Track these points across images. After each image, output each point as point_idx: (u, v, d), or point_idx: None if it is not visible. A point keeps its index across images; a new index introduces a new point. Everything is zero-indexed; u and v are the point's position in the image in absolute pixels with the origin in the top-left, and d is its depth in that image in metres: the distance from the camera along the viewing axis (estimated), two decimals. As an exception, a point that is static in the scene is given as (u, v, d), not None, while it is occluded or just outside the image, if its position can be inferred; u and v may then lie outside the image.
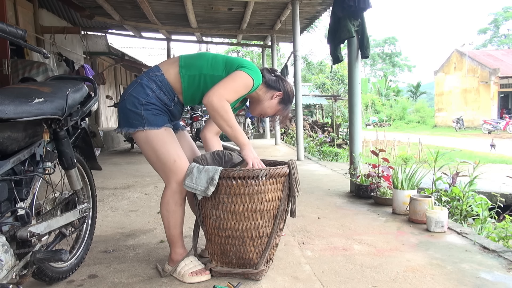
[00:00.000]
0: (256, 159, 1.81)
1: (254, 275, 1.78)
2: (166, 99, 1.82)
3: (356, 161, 3.67)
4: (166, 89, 1.81)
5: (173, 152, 1.78)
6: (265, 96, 1.98)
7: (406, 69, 49.18)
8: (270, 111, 2.02)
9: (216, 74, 1.81)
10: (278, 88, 1.99)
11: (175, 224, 1.84)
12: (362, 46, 3.58)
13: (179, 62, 1.84)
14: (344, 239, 2.36)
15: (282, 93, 1.99)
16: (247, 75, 1.77)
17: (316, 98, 21.91)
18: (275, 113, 2.04)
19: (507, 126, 20.22)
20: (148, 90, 1.78)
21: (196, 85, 1.82)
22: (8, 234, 1.33)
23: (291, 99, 2.06)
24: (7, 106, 1.26)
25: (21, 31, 1.36)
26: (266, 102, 1.99)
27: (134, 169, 5.53)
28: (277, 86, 1.99)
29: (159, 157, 1.79)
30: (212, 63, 1.83)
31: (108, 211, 3.19)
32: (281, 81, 2.00)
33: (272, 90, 1.98)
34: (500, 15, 42.76)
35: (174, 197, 1.81)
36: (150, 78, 1.81)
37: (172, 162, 1.78)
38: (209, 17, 8.29)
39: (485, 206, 2.98)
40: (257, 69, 1.87)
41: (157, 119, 1.78)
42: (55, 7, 7.43)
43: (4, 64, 4.40)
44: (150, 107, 1.78)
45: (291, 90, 2.05)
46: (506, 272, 1.85)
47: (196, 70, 1.81)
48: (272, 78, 1.99)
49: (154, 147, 1.78)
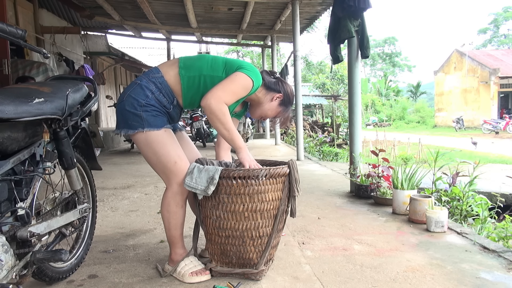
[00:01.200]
0: (252, 161, 1.81)
1: (254, 275, 1.78)
2: (165, 102, 1.81)
3: (356, 161, 3.67)
4: (165, 91, 1.80)
5: (174, 153, 1.77)
6: (265, 98, 1.98)
7: (406, 69, 49.16)
8: (270, 113, 2.02)
9: (215, 75, 1.80)
10: (278, 90, 1.98)
11: (176, 225, 1.84)
12: (362, 46, 3.58)
13: (178, 63, 1.84)
14: (344, 239, 2.36)
15: (282, 95, 1.99)
16: (246, 77, 1.78)
17: (316, 98, 21.91)
18: (276, 115, 2.03)
19: (507, 126, 20.22)
20: (147, 91, 1.77)
21: (196, 86, 1.81)
22: (8, 234, 1.33)
23: (291, 101, 2.05)
24: (7, 106, 1.26)
25: (21, 31, 1.36)
26: (266, 105, 1.99)
27: (134, 169, 5.53)
28: (277, 88, 1.98)
29: (159, 158, 1.78)
30: (211, 64, 1.83)
31: (108, 211, 3.19)
32: (281, 83, 2.01)
33: (272, 92, 1.98)
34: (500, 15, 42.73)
35: (175, 198, 1.80)
36: (150, 79, 1.80)
37: (173, 164, 1.77)
38: (209, 17, 8.30)
39: (485, 206, 2.98)
40: (257, 70, 1.87)
41: (157, 120, 1.77)
42: (55, 7, 7.43)
43: (4, 64, 4.40)
44: (150, 108, 1.76)
45: (291, 92, 2.05)
46: (506, 272, 1.85)
47: (195, 71, 1.81)
48: (271, 80, 1.99)
49: (154, 149, 1.77)
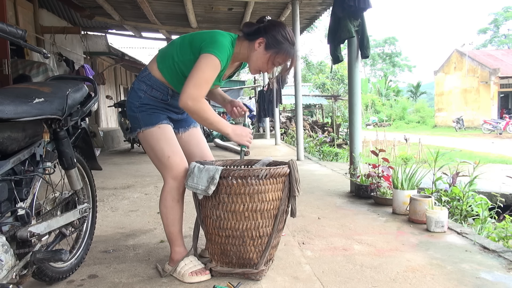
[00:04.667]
0: (245, 137, 1.83)
1: (254, 275, 1.78)
2: (161, 95, 1.84)
3: (356, 161, 3.67)
4: (156, 85, 1.83)
5: (167, 148, 1.81)
6: (250, 49, 1.82)
7: (406, 69, 49.15)
8: (261, 62, 1.82)
9: (186, 59, 1.78)
10: (258, 36, 1.79)
11: (174, 221, 1.85)
12: (362, 46, 3.58)
13: (156, 57, 1.87)
14: (344, 239, 2.36)
15: (264, 38, 1.78)
16: (209, 58, 1.68)
17: (316, 98, 21.90)
18: (268, 61, 1.81)
19: (507, 126, 20.22)
20: (140, 92, 1.84)
21: (176, 74, 1.82)
22: (8, 234, 1.33)
23: (279, 40, 1.79)
24: (7, 106, 1.26)
25: (21, 31, 1.36)
26: (253, 56, 1.82)
27: (134, 169, 5.53)
28: (257, 34, 1.80)
29: (155, 154, 1.84)
30: (180, 48, 1.81)
31: (108, 211, 3.19)
32: (263, 28, 1.80)
33: (253, 41, 1.81)
34: (500, 15, 42.72)
35: (172, 193, 1.83)
36: (140, 80, 1.86)
37: (166, 158, 1.81)
38: (209, 17, 8.29)
39: (485, 206, 2.98)
40: (219, 41, 1.73)
41: (151, 117, 1.82)
42: (55, 7, 7.43)
43: (4, 64, 4.39)
44: (145, 107, 1.83)
45: (278, 31, 1.79)
46: (506, 272, 1.85)
47: (169, 60, 1.82)
48: (251, 30, 1.82)
49: (150, 145, 1.84)
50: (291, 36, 1.82)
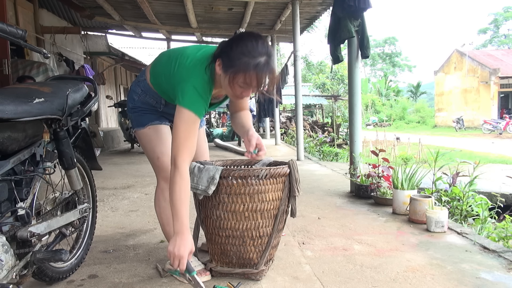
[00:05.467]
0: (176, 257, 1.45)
1: (254, 275, 1.78)
2: (153, 102, 1.83)
3: (356, 161, 3.67)
4: (150, 93, 1.82)
5: (157, 149, 1.83)
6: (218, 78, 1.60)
7: (406, 69, 49.17)
8: (227, 88, 1.56)
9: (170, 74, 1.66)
10: (218, 56, 1.54)
11: (168, 221, 1.85)
12: (362, 46, 3.58)
13: (150, 69, 1.81)
14: (344, 239, 2.36)
15: (220, 58, 1.53)
16: (183, 113, 1.53)
17: (316, 98, 21.90)
18: (233, 86, 1.52)
19: (507, 126, 20.21)
20: (134, 95, 1.85)
21: (166, 89, 1.74)
22: (8, 234, 1.33)
23: (234, 57, 1.48)
24: (7, 106, 1.26)
25: (21, 31, 1.36)
26: (221, 81, 1.58)
27: (134, 169, 5.53)
28: (218, 55, 1.55)
29: (148, 154, 1.88)
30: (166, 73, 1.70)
31: (108, 211, 3.19)
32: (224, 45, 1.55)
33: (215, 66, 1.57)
34: (500, 15, 42.72)
35: (164, 193, 1.84)
36: (137, 83, 1.86)
37: (156, 159, 1.84)
38: (209, 17, 8.29)
39: (485, 206, 2.98)
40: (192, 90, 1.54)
41: (142, 118, 1.84)
42: (55, 7, 7.43)
43: (4, 64, 4.40)
44: (137, 109, 1.86)
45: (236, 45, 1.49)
46: (506, 272, 1.85)
47: (161, 78, 1.74)
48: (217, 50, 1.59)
49: (143, 145, 1.89)
50: (257, 47, 1.47)
